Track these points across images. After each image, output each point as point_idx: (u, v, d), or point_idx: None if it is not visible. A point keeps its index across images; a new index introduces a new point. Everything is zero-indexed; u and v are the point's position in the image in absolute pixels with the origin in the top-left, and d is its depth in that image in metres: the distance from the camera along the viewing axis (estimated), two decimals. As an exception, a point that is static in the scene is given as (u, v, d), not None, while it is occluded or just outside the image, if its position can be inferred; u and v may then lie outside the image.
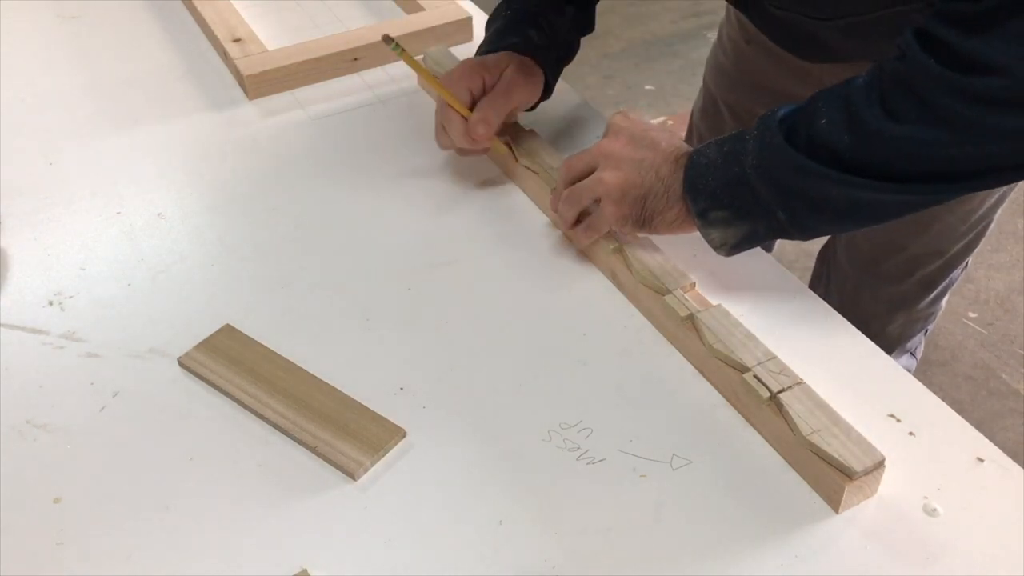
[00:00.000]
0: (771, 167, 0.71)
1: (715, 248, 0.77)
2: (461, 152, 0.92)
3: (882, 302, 1.20)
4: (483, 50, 0.94)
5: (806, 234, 0.74)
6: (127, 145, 1.00)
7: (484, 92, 0.89)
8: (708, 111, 1.22)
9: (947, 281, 1.19)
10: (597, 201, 0.80)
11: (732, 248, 0.76)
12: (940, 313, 1.27)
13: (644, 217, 0.77)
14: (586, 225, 0.82)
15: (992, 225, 1.12)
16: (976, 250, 1.15)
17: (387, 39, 0.87)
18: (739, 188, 0.73)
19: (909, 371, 1.32)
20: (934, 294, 1.20)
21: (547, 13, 0.93)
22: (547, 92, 0.95)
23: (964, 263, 1.17)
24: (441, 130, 0.91)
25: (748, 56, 1.10)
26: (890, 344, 1.26)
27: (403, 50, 0.87)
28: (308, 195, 0.93)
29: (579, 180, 0.81)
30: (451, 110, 0.88)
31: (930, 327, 1.29)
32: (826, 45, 0.90)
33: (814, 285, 1.28)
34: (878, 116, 0.68)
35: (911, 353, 1.33)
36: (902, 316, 1.22)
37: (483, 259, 0.85)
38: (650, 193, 0.76)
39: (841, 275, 1.22)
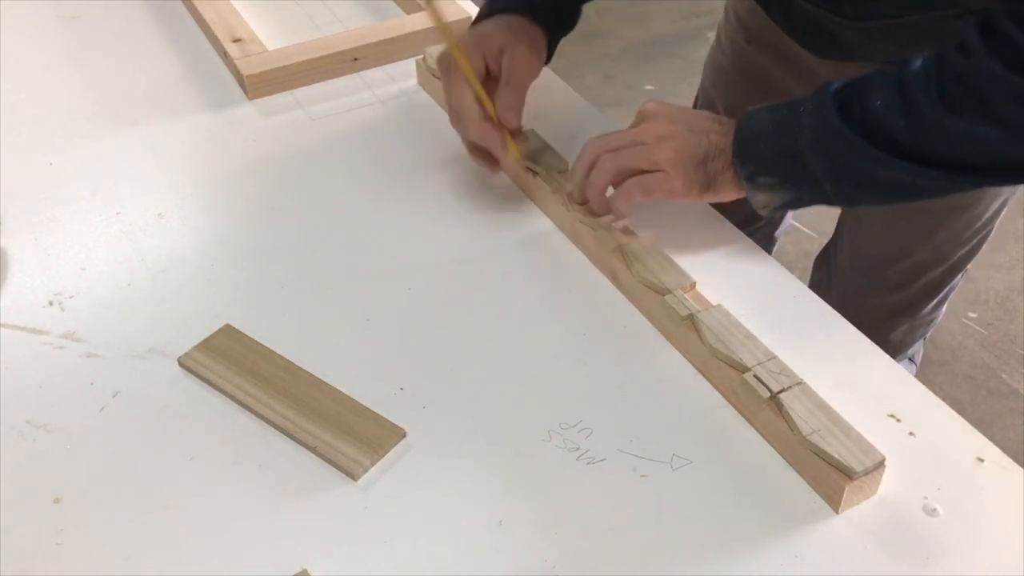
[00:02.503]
0: (828, 145, 0.73)
1: (758, 208, 0.78)
2: (474, 153, 0.89)
3: (886, 309, 1.20)
4: (483, 15, 0.91)
5: (848, 204, 0.77)
6: (127, 145, 1.00)
7: (486, 73, 0.87)
8: None
9: (949, 287, 1.19)
10: (647, 171, 0.79)
11: (774, 209, 0.79)
12: (940, 318, 1.27)
13: (708, 180, 0.78)
14: (635, 182, 0.79)
15: (995, 230, 1.13)
16: (978, 255, 1.15)
17: None
18: (791, 159, 0.74)
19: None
20: (936, 300, 1.20)
21: None
22: (548, 58, 0.93)
23: (965, 268, 1.17)
24: (455, 117, 0.87)
25: (749, 56, 1.10)
26: (892, 351, 1.25)
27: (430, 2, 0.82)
28: (308, 195, 0.93)
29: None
30: (466, 98, 0.84)
31: (930, 333, 1.29)
32: (846, 44, 0.90)
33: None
34: (936, 107, 0.69)
35: (910, 359, 1.33)
36: (906, 322, 1.22)
37: (483, 259, 0.85)
38: (708, 156, 0.78)
39: (843, 281, 1.22)
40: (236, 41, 1.10)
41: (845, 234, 1.21)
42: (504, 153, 0.87)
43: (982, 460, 0.67)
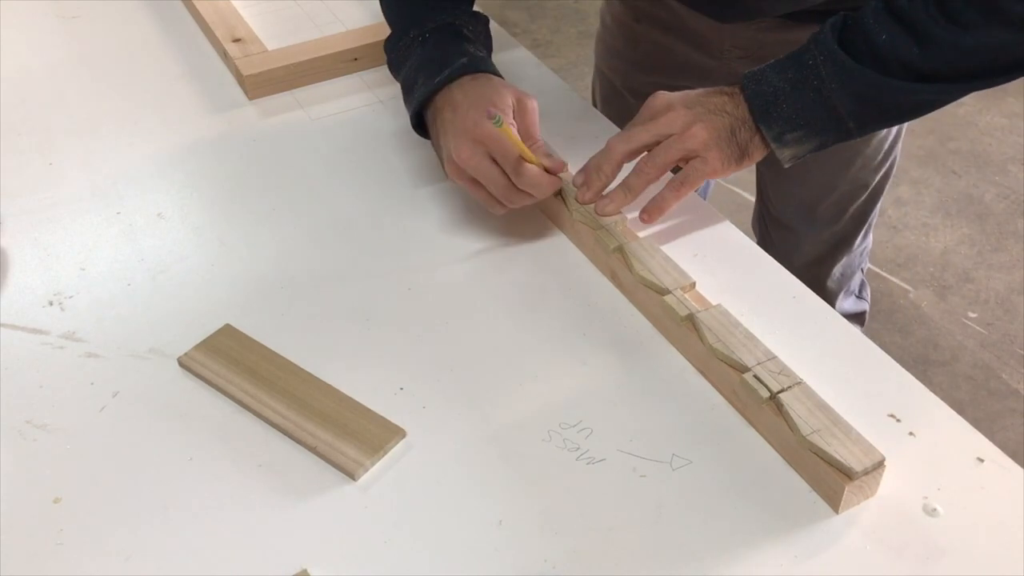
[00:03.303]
0: (854, 89, 0.76)
1: (785, 162, 0.81)
2: (508, 203, 0.83)
3: (825, 245, 1.26)
4: (429, 83, 0.84)
5: (866, 134, 0.80)
6: (127, 145, 1.00)
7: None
8: (610, 99, 1.23)
9: (873, 214, 1.25)
10: (683, 160, 0.81)
11: (800, 159, 0.81)
12: (870, 249, 1.34)
13: (740, 151, 0.80)
14: (680, 181, 0.81)
15: (899, 155, 1.20)
16: (891, 179, 1.22)
17: (490, 115, 0.77)
18: (817, 111, 0.77)
19: (864, 313, 1.38)
20: (865, 228, 1.26)
21: (467, 23, 0.90)
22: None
23: (882, 195, 1.24)
24: (519, 195, 0.81)
25: (641, 36, 1.13)
26: (837, 287, 1.31)
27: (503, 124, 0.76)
28: (308, 195, 0.93)
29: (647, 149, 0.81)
30: (525, 166, 0.79)
31: (865, 266, 1.35)
32: (749, 6, 0.94)
33: None
34: (944, 26, 0.72)
35: (857, 295, 1.37)
36: (843, 256, 1.27)
37: (483, 259, 0.85)
38: (734, 129, 0.79)
39: (782, 232, 1.27)
40: (236, 41, 1.10)
41: (770, 189, 1.25)
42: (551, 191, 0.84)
43: (982, 460, 0.67)
